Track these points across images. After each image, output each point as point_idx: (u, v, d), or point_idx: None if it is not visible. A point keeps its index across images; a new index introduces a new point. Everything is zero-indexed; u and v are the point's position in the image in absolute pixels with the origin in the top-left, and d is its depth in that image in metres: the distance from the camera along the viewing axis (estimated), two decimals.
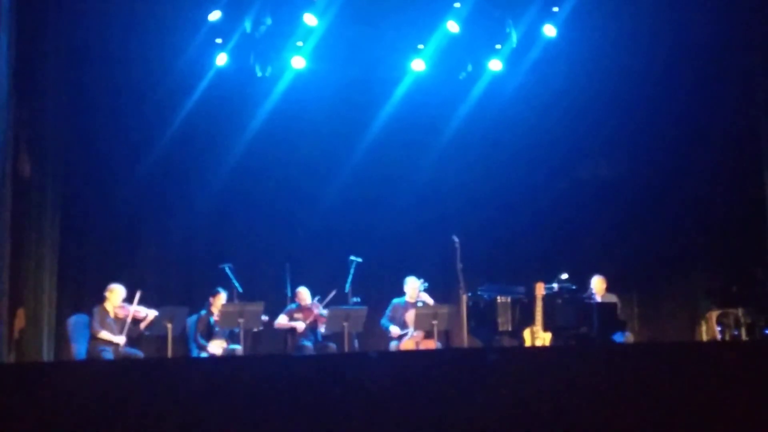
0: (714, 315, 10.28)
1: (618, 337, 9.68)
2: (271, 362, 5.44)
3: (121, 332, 9.08)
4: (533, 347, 8.86)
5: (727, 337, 10.06)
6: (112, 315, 9.16)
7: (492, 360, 4.33)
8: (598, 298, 9.92)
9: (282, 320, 9.87)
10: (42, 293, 9.44)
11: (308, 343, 9.79)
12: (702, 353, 5.19)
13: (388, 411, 4.29)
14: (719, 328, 10.19)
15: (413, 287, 9.95)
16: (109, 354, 8.94)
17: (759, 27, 9.83)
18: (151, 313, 9.19)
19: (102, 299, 9.23)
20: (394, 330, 9.76)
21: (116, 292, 9.23)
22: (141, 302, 9.18)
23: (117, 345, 9.02)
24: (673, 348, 5.44)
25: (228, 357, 8.96)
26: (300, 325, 9.78)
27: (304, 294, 10.00)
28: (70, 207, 10.18)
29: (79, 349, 9.09)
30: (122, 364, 6.91)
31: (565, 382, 4.37)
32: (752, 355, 4.87)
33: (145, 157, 10.68)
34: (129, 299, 9.19)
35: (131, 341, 9.28)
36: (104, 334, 9.03)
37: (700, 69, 10.48)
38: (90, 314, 9.18)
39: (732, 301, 10.27)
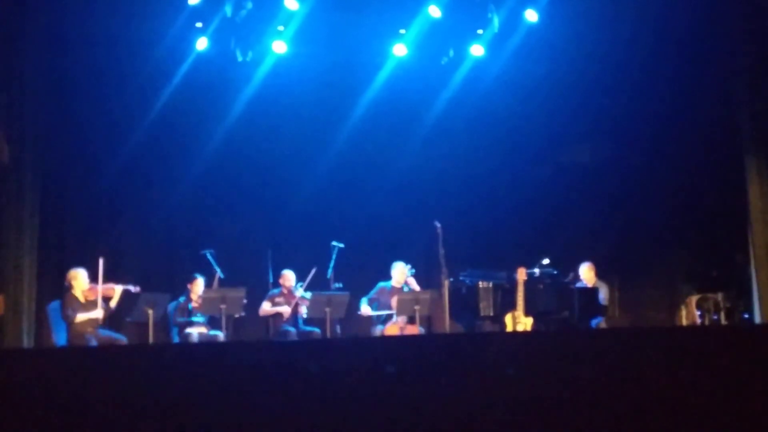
0: (694, 299, 10.36)
1: (595, 321, 9.76)
2: (255, 348, 5.43)
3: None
4: (516, 332, 8.90)
5: (707, 322, 10.14)
6: (82, 300, 9.02)
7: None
8: (588, 286, 9.96)
9: (266, 307, 9.88)
10: (22, 279, 9.37)
11: (291, 329, 9.80)
12: (682, 338, 5.22)
13: (374, 397, 4.30)
14: (699, 313, 10.28)
15: (401, 272, 9.96)
16: (91, 340, 8.88)
17: (741, 13, 9.86)
18: (119, 288, 9.05)
19: (67, 288, 9.07)
20: (365, 309, 9.76)
21: (80, 276, 9.06)
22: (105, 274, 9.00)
23: (97, 320, 8.89)
24: (654, 333, 5.49)
25: (212, 343, 8.95)
26: (285, 310, 9.78)
27: (288, 276, 9.99)
28: (50, 192, 10.10)
29: (59, 336, 9.03)
30: (104, 350, 6.89)
31: (548, 367, 4.39)
32: (731, 340, 4.90)
33: (125, 142, 10.60)
34: (93, 277, 9.07)
35: (108, 324, 9.21)
36: (81, 316, 8.90)
37: (683, 55, 10.50)
38: (61, 306, 9.03)
39: (712, 286, 10.36)
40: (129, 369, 4.57)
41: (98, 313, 8.92)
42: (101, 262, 8.96)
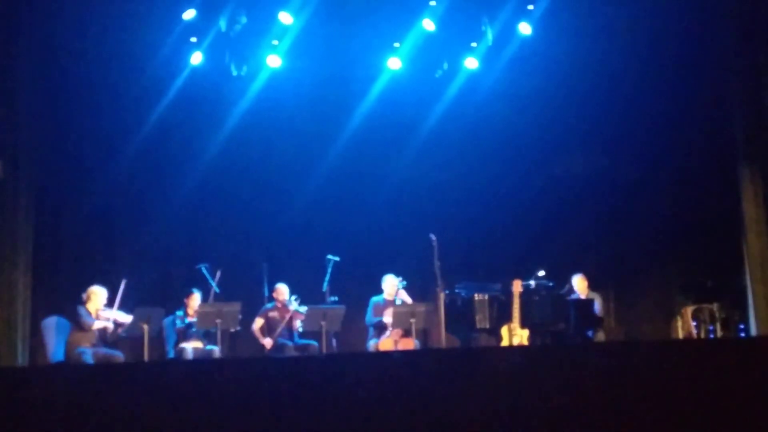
0: (689, 310, 10.37)
1: (591, 332, 9.75)
2: (253, 365, 5.42)
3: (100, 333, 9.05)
4: (514, 347, 8.88)
5: (702, 332, 10.15)
6: (94, 316, 9.10)
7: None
8: (582, 297, 9.96)
9: (256, 326, 9.85)
10: (16, 295, 9.34)
11: (287, 342, 9.76)
12: (679, 351, 5.23)
13: (373, 413, 4.28)
14: (694, 323, 10.29)
15: (391, 285, 9.95)
16: (88, 355, 8.85)
17: (733, 23, 9.91)
18: (128, 318, 9.14)
19: (81, 300, 9.12)
20: (388, 320, 9.70)
21: (98, 295, 9.16)
22: (124, 292, 9.11)
23: (107, 328, 9.07)
24: (650, 346, 5.49)
25: (209, 360, 8.93)
26: (268, 342, 9.74)
27: (282, 290, 9.97)
28: (44, 207, 10.08)
29: (55, 351, 8.98)
30: (101, 368, 6.87)
31: (547, 382, 4.39)
32: (727, 353, 4.91)
33: (120, 156, 10.60)
34: (111, 295, 9.13)
35: (108, 344, 9.22)
36: (100, 323, 9.02)
37: (675, 66, 10.54)
38: (72, 314, 9.09)
39: (707, 296, 10.37)
40: (127, 387, 4.56)
41: (110, 324, 9.08)
42: (123, 283, 9.09)
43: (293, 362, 6.17)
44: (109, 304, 9.15)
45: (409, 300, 9.90)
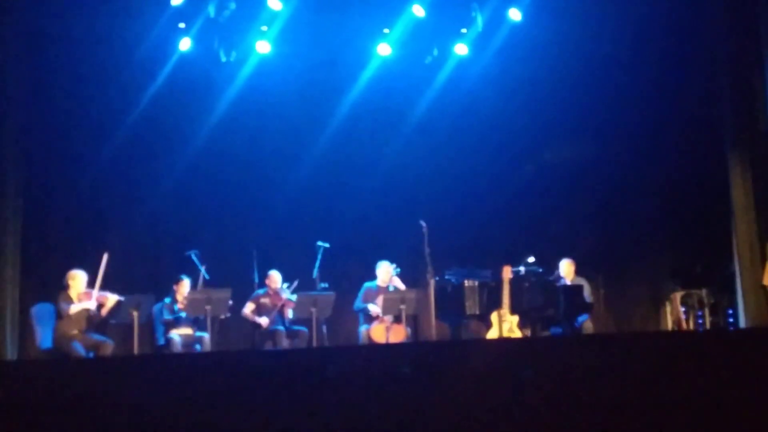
0: (678, 296, 10.41)
1: (581, 318, 9.78)
2: (246, 357, 5.42)
3: (86, 318, 8.99)
4: (503, 339, 8.91)
5: (691, 318, 10.19)
6: (76, 301, 9.04)
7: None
8: (568, 282, 9.98)
9: (247, 310, 9.84)
10: (4, 285, 9.28)
11: (280, 328, 9.74)
12: (665, 342, 5.25)
13: (362, 405, 4.30)
14: (683, 309, 10.33)
15: (386, 271, 9.95)
16: (76, 342, 8.81)
17: (723, 12, 9.91)
18: (113, 298, 9.08)
19: (64, 287, 9.09)
20: (374, 308, 9.72)
21: (78, 279, 9.09)
22: (107, 269, 9.05)
23: (89, 311, 8.95)
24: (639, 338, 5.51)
25: (200, 354, 8.90)
26: (264, 321, 9.74)
27: (275, 277, 9.96)
28: (32, 194, 10.01)
29: (43, 338, 8.96)
30: (90, 361, 6.85)
31: (541, 373, 4.40)
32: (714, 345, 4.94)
33: (108, 142, 10.54)
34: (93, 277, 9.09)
35: (95, 327, 9.18)
36: (75, 307, 8.90)
37: (665, 54, 10.55)
38: (54, 302, 9.04)
39: (696, 282, 10.41)
40: (117, 380, 4.55)
41: (91, 304, 8.94)
42: (105, 257, 8.97)
43: (283, 355, 6.17)
44: (91, 284, 9.08)
45: (402, 287, 9.91)
